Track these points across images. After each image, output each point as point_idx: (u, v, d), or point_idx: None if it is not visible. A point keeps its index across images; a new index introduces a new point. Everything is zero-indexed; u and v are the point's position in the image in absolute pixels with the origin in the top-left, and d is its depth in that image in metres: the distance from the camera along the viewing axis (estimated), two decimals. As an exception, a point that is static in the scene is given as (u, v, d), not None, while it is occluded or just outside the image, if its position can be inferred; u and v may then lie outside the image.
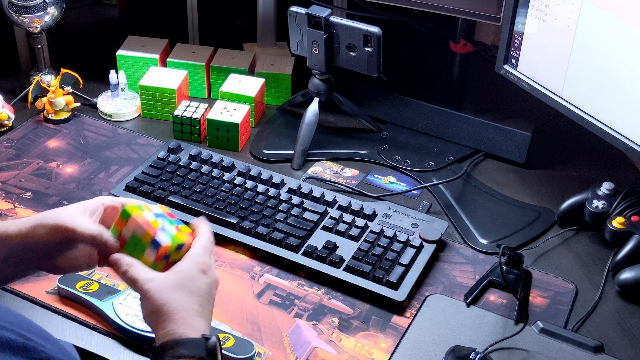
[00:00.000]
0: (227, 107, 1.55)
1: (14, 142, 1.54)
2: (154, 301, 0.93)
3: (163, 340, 0.90)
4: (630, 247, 1.27)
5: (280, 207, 1.35)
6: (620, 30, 1.20)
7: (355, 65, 1.48)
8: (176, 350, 0.89)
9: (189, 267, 0.97)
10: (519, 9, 1.37)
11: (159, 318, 0.92)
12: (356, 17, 1.58)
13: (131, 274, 0.95)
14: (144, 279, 0.94)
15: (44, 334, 0.78)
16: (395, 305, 1.22)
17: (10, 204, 1.38)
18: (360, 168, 1.52)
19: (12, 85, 1.70)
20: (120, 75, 1.63)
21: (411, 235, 1.31)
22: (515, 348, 1.15)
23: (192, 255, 0.98)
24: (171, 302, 0.93)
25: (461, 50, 1.60)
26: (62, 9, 1.61)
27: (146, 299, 0.94)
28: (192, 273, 0.96)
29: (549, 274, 1.29)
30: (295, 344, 1.15)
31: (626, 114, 1.24)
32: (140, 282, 0.94)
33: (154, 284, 0.94)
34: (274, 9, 1.73)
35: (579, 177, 1.51)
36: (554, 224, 1.39)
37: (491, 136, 1.54)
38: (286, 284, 1.25)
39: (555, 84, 1.35)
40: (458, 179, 1.48)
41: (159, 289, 0.94)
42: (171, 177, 1.41)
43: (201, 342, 0.91)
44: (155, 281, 0.94)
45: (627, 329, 1.21)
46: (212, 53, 1.72)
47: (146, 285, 0.94)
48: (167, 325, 0.91)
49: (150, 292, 0.93)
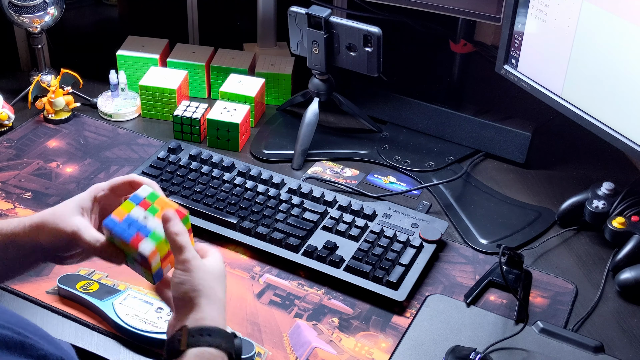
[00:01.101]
0: (227, 107, 1.55)
1: (14, 142, 1.54)
2: (199, 280, 0.90)
3: (200, 323, 0.88)
4: (630, 247, 1.27)
5: (280, 207, 1.35)
6: (620, 30, 1.20)
7: (355, 65, 1.48)
8: (214, 337, 0.87)
9: (221, 264, 0.95)
10: (519, 9, 1.37)
11: (197, 300, 0.89)
12: (356, 17, 1.58)
13: (181, 241, 0.92)
14: (193, 254, 0.92)
15: (40, 333, 0.78)
16: (395, 305, 1.22)
17: (10, 204, 1.38)
18: (360, 168, 1.52)
19: (12, 85, 1.70)
20: (120, 75, 1.63)
21: (411, 235, 1.31)
22: (515, 348, 1.15)
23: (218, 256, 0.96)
24: (215, 289, 0.91)
25: (461, 50, 1.60)
26: (62, 9, 1.61)
27: (188, 274, 0.90)
28: (224, 270, 0.95)
29: (549, 274, 1.29)
30: (295, 344, 1.15)
31: (626, 114, 1.24)
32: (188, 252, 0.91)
33: (200, 263, 0.92)
34: (274, 9, 1.73)
35: (579, 177, 1.51)
36: (554, 224, 1.39)
37: (491, 136, 1.54)
38: (286, 284, 1.25)
39: (555, 84, 1.35)
40: (458, 179, 1.48)
41: (205, 271, 0.91)
42: (171, 177, 1.41)
43: (232, 338, 0.90)
44: (201, 262, 0.92)
45: (627, 329, 1.21)
46: (212, 53, 1.72)
47: (195, 260, 0.91)
48: (206, 310, 0.89)
49: (197, 269, 0.91)
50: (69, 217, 0.97)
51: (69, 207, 0.98)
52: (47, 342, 0.76)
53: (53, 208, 0.99)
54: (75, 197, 1.00)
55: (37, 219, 0.98)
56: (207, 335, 0.87)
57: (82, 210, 0.98)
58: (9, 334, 0.72)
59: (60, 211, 0.98)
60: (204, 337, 0.87)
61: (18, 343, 0.72)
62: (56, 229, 0.96)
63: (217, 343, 0.87)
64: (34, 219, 0.98)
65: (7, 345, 0.71)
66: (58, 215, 0.97)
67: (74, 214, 0.97)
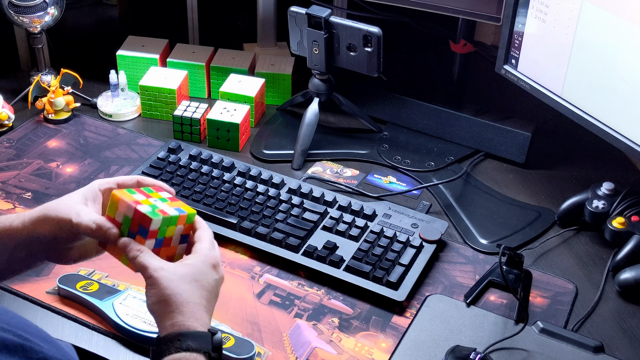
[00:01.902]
0: (227, 107, 1.55)
1: (14, 142, 1.54)
2: (163, 290, 0.91)
3: (169, 331, 0.89)
4: (630, 247, 1.27)
5: (280, 207, 1.35)
6: (620, 30, 1.20)
7: (355, 65, 1.48)
8: (183, 342, 0.87)
9: (200, 260, 0.95)
10: (519, 9, 1.37)
11: (166, 308, 0.90)
12: (356, 17, 1.58)
13: (141, 260, 0.93)
14: (155, 267, 0.92)
15: (41, 334, 0.78)
16: (395, 305, 1.22)
17: (10, 204, 1.38)
18: (360, 168, 1.52)
19: (12, 85, 1.70)
20: (120, 75, 1.63)
21: (411, 235, 1.31)
22: (515, 348, 1.15)
23: (202, 249, 0.97)
24: (181, 293, 0.91)
25: (461, 50, 1.60)
26: (62, 9, 1.61)
27: (154, 287, 0.91)
28: (203, 267, 0.95)
29: (549, 274, 1.29)
30: (295, 344, 1.15)
31: (626, 114, 1.24)
32: (150, 269, 0.92)
33: (164, 272, 0.92)
34: (274, 9, 1.73)
35: (579, 177, 1.51)
36: (554, 224, 1.39)
37: (491, 136, 1.54)
38: (286, 284, 1.25)
39: (555, 84, 1.35)
40: (458, 179, 1.48)
41: (169, 279, 0.92)
42: (171, 177, 1.41)
43: (208, 336, 0.90)
44: (165, 270, 0.92)
45: (627, 329, 1.21)
46: (212, 53, 1.72)
47: (156, 273, 0.92)
48: (174, 316, 0.90)
49: (160, 280, 0.91)
50: (72, 206, 0.97)
51: (72, 198, 0.98)
52: (47, 344, 0.76)
53: (56, 200, 0.99)
54: (78, 190, 1.00)
55: (38, 211, 0.98)
56: (176, 341, 0.88)
57: (86, 200, 0.99)
58: (10, 337, 0.72)
59: (63, 202, 0.98)
60: (174, 343, 0.87)
61: (18, 346, 0.72)
62: (58, 217, 0.96)
63: (186, 346, 0.87)
64: (35, 212, 0.98)
65: (8, 348, 0.71)
66: (60, 205, 0.97)
67: (75, 202, 0.98)
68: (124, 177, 1.02)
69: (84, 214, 0.96)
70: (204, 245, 0.98)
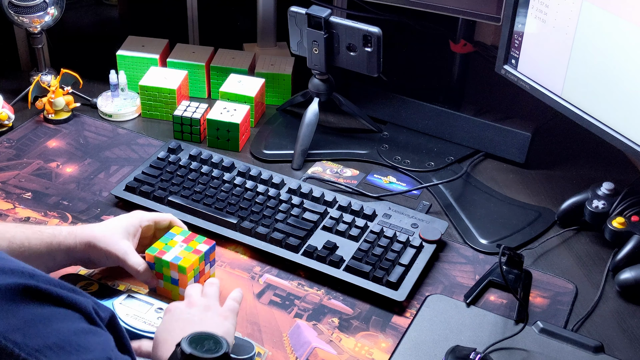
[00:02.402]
0: (227, 107, 1.55)
1: (14, 142, 1.54)
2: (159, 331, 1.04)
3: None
4: (630, 247, 1.27)
5: (280, 207, 1.35)
6: (620, 30, 1.20)
7: (355, 65, 1.48)
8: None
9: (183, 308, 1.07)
10: (519, 9, 1.37)
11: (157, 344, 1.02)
12: (356, 17, 1.58)
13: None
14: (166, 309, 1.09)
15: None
16: (395, 305, 1.22)
17: (10, 204, 1.38)
18: (360, 168, 1.52)
19: (12, 85, 1.70)
20: (120, 75, 1.63)
21: (411, 235, 1.31)
22: (515, 348, 1.15)
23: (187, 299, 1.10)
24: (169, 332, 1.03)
25: (461, 50, 1.60)
26: (62, 9, 1.61)
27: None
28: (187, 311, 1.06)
29: (549, 274, 1.29)
30: (295, 344, 1.15)
31: (626, 114, 1.24)
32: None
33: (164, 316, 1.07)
34: (274, 9, 1.73)
35: (579, 177, 1.51)
36: (554, 224, 1.39)
37: (491, 136, 1.54)
38: (286, 284, 1.25)
39: (555, 84, 1.35)
40: (458, 179, 1.48)
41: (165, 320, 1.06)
42: (171, 177, 1.41)
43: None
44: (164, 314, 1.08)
45: (627, 329, 1.21)
46: (212, 53, 1.72)
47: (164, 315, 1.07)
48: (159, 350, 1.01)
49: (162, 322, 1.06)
50: (118, 241, 1.14)
51: (118, 231, 1.15)
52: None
53: (102, 228, 1.16)
54: (122, 221, 1.17)
55: (87, 236, 1.13)
56: None
57: (129, 235, 1.16)
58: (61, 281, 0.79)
59: (110, 233, 1.14)
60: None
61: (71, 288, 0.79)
62: (107, 250, 1.13)
63: None
64: (84, 235, 1.14)
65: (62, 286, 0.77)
66: (108, 237, 1.14)
67: (122, 237, 1.15)
68: (160, 216, 1.22)
69: (131, 254, 1.14)
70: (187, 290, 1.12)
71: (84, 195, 1.41)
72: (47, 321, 0.73)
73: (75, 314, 0.77)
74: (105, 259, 1.15)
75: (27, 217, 1.34)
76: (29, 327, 0.72)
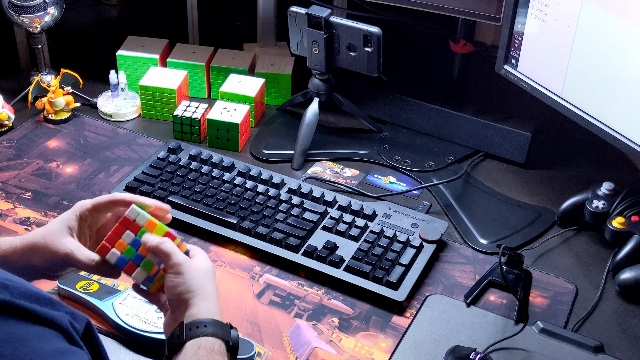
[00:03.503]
0: (227, 107, 1.55)
1: (14, 142, 1.54)
2: (192, 281, 0.95)
3: (193, 318, 0.93)
4: (630, 247, 1.27)
5: (280, 207, 1.35)
6: (620, 30, 1.20)
7: (355, 65, 1.48)
8: (209, 327, 0.92)
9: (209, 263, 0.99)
10: (519, 9, 1.37)
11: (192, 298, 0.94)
12: (356, 17, 1.58)
13: (165, 248, 0.97)
14: (182, 257, 0.96)
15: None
16: (395, 305, 1.22)
17: (10, 204, 1.38)
18: (360, 168, 1.52)
19: (12, 85, 1.70)
20: (120, 75, 1.63)
21: (411, 235, 1.31)
22: (515, 348, 1.15)
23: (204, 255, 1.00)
24: (207, 286, 0.96)
25: (461, 50, 1.60)
26: (62, 9, 1.61)
27: (181, 276, 0.95)
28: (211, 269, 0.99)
29: (549, 274, 1.29)
30: (295, 344, 1.15)
31: (626, 114, 1.24)
32: (177, 257, 0.96)
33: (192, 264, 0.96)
34: (274, 9, 1.73)
35: (579, 177, 1.51)
36: (554, 224, 1.39)
37: (491, 136, 1.54)
38: (286, 284, 1.25)
39: (555, 84, 1.35)
40: (458, 179, 1.48)
41: (197, 270, 0.96)
42: (171, 177, 1.41)
43: (228, 327, 0.94)
44: (192, 263, 0.97)
45: (627, 329, 1.21)
46: (212, 53, 1.72)
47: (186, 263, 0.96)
48: (199, 306, 0.94)
49: (189, 271, 0.95)
50: (59, 239, 0.99)
51: (57, 229, 1.00)
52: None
53: (41, 230, 1.01)
54: (60, 217, 1.02)
55: (27, 241, 0.99)
56: (203, 327, 0.92)
57: (71, 230, 1.00)
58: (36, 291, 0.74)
59: (49, 233, 0.99)
60: (200, 328, 0.92)
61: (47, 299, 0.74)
62: (48, 251, 0.98)
63: (212, 332, 0.92)
64: (25, 240, 0.99)
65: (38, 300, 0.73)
66: (48, 238, 0.99)
67: (62, 235, 0.99)
68: (101, 199, 1.03)
69: (77, 251, 0.98)
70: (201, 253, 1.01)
71: (84, 195, 1.40)
72: (24, 340, 0.69)
73: (52, 332, 0.72)
74: (49, 262, 0.98)
75: (27, 217, 1.34)
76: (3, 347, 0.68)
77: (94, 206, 1.02)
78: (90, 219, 1.03)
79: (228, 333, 0.93)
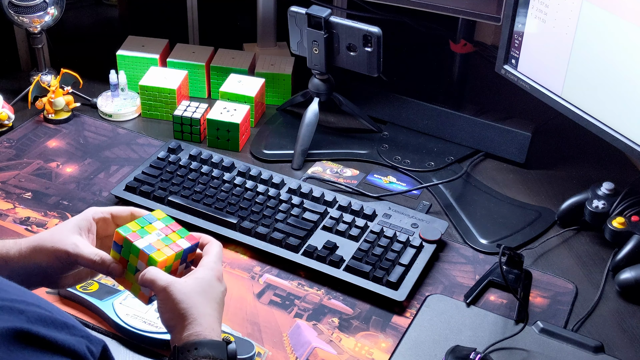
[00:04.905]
0: (227, 107, 1.55)
1: (14, 142, 1.54)
2: (179, 304, 0.94)
3: (187, 340, 0.92)
4: (630, 247, 1.27)
5: (280, 207, 1.35)
6: (620, 30, 1.20)
7: (355, 65, 1.48)
8: (201, 350, 0.91)
9: (207, 274, 0.98)
10: (519, 9, 1.37)
11: (183, 321, 0.93)
12: (356, 17, 1.58)
13: (149, 277, 0.96)
14: (166, 281, 0.95)
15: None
16: (395, 305, 1.22)
17: (10, 204, 1.38)
18: (360, 168, 1.52)
19: (12, 85, 1.70)
20: (120, 75, 1.63)
21: (411, 235, 1.31)
22: (515, 348, 1.15)
23: (209, 262, 1.00)
24: (196, 306, 0.94)
25: (461, 50, 1.60)
26: (62, 9, 1.61)
27: (168, 301, 0.94)
28: (211, 280, 0.98)
29: (549, 274, 1.29)
30: (295, 344, 1.15)
31: (626, 114, 1.24)
32: (160, 282, 0.95)
33: (177, 286, 0.95)
34: (274, 9, 1.73)
35: (579, 177, 1.51)
36: (554, 224, 1.39)
37: (491, 136, 1.54)
38: (286, 284, 1.25)
39: (555, 84, 1.35)
40: (458, 179, 1.48)
41: (182, 292, 0.95)
42: (171, 177, 1.41)
43: (223, 345, 0.93)
44: (178, 284, 0.95)
45: (627, 329, 1.21)
46: (212, 53, 1.72)
47: (169, 287, 0.95)
48: (192, 328, 0.93)
49: (174, 294, 0.94)
50: (67, 237, 0.99)
51: (67, 228, 1.00)
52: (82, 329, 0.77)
53: (50, 230, 1.02)
54: (72, 219, 1.02)
55: (33, 241, 0.99)
56: (194, 350, 0.91)
57: (80, 230, 1.00)
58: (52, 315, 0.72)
59: (58, 231, 1.00)
60: (191, 352, 0.91)
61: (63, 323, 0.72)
62: (54, 248, 0.98)
63: (204, 354, 0.90)
64: (31, 241, 0.99)
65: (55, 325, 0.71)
66: (56, 235, 0.99)
67: (71, 233, 1.00)
68: (118, 208, 1.05)
69: (83, 246, 0.98)
70: (210, 258, 1.00)
71: (84, 195, 1.41)
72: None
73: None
74: (55, 260, 0.98)
75: (27, 217, 1.34)
76: None
77: (110, 213, 1.04)
78: (102, 224, 1.04)
79: (222, 351, 0.92)
